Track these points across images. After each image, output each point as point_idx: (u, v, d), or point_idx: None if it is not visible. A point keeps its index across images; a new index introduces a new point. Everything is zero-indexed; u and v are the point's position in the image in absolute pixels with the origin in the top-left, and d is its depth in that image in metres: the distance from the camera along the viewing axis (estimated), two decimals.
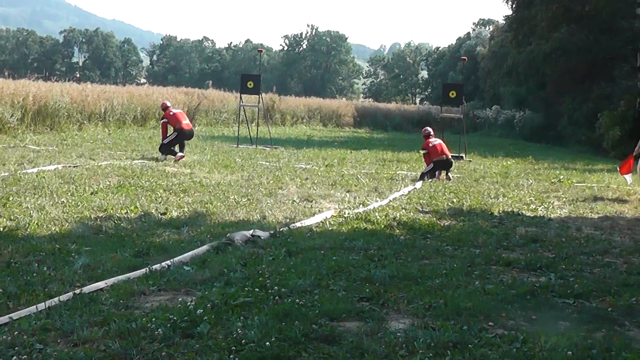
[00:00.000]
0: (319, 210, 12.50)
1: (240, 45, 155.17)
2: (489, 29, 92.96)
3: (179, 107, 30.39)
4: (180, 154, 20.15)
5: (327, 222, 11.23)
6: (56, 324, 5.90)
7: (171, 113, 21.01)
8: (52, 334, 5.68)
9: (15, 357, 5.16)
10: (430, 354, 5.58)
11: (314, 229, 10.66)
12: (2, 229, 9.49)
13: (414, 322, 6.44)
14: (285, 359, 5.36)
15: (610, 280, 8.36)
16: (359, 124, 57.25)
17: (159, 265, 7.91)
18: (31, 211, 10.77)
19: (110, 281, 7.16)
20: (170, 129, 20.77)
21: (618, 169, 17.86)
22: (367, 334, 6.06)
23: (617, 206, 15.13)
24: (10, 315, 6.07)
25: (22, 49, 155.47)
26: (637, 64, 34.18)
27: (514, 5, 40.06)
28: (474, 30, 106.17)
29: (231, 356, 5.32)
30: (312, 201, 13.61)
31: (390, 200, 14.09)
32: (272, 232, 10.16)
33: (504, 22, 45.71)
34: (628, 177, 17.16)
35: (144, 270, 7.72)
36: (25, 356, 5.20)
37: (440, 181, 18.44)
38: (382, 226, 11.13)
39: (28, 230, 9.52)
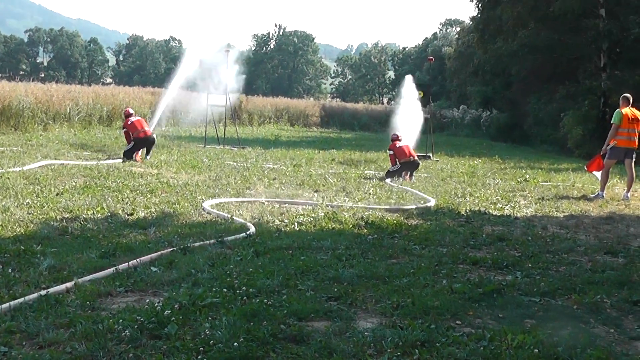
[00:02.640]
0: (287, 210, 12.50)
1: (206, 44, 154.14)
2: (456, 29, 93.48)
3: (145, 107, 30.26)
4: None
5: (295, 222, 11.23)
6: (21, 326, 5.85)
7: (129, 122, 21.10)
8: (17, 337, 5.64)
9: None
10: (398, 353, 5.59)
11: (282, 229, 10.66)
12: None
13: (382, 321, 6.45)
14: (253, 359, 5.35)
15: (576, 278, 8.42)
16: (327, 124, 57.35)
17: (125, 265, 7.89)
18: None
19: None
20: (132, 136, 20.80)
21: (585, 168, 17.94)
22: (335, 333, 6.05)
23: (582, 205, 15.24)
24: None
25: None
26: (601, 64, 34.52)
27: (480, 5, 40.32)
28: (440, 30, 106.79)
29: (199, 357, 5.31)
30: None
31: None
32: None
33: (470, 22, 45.95)
34: (598, 174, 17.31)
35: (110, 270, 7.69)
36: None
37: (406, 181, 18.52)
38: (350, 226, 11.15)
39: None
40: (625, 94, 16.85)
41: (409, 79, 28.27)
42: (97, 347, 5.45)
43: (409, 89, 27.72)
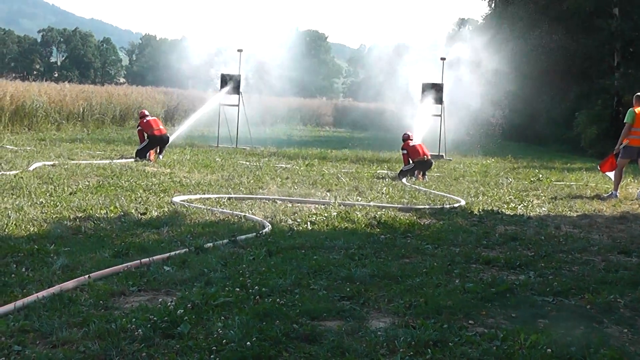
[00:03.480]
0: (299, 210, 12.50)
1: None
2: (469, 28, 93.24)
3: (158, 106, 30.34)
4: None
5: (308, 222, 11.22)
6: (35, 325, 5.85)
7: (144, 121, 21.36)
8: (31, 336, 5.63)
9: None
10: (411, 353, 5.58)
11: (294, 228, 10.66)
12: None
13: (395, 320, 6.44)
14: (266, 358, 5.35)
15: (589, 278, 8.40)
16: (339, 123, 57.30)
17: (138, 264, 7.90)
18: (9, 212, 10.71)
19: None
20: (145, 135, 20.94)
21: (598, 167, 17.82)
22: (348, 333, 6.05)
23: (596, 204, 15.19)
24: None
25: (0, 48, 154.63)
26: (614, 63, 34.40)
27: (492, 4, 40.22)
28: (454, 30, 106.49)
29: (212, 356, 5.30)
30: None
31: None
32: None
33: (483, 21, 45.80)
34: (611, 175, 17.20)
35: (127, 266, 7.74)
36: (4, 358, 5.16)
37: (419, 180, 18.51)
38: (363, 225, 11.15)
39: (6, 231, 9.46)
40: (638, 93, 16.74)
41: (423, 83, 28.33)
42: (111, 346, 5.44)
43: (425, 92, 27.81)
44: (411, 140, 19.70)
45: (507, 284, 7.79)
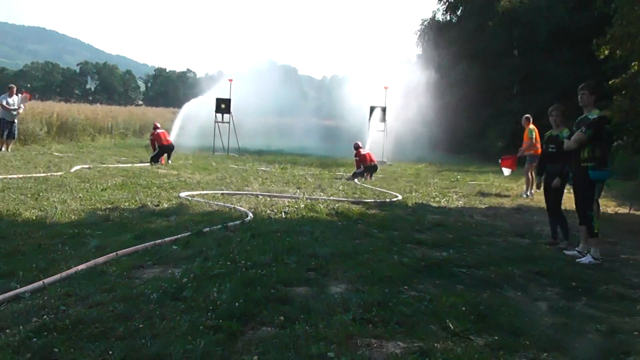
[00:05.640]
0: (276, 203, 12.51)
1: (215, 75, 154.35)
2: (408, 61, 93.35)
3: (168, 123, 30.17)
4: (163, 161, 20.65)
5: (282, 212, 11.24)
6: (75, 290, 5.87)
7: (156, 133, 21.38)
8: (73, 299, 5.64)
9: (45, 316, 5.12)
10: (361, 311, 5.63)
11: (272, 217, 10.68)
12: (34, 218, 9.38)
13: (348, 287, 6.48)
14: (250, 315, 5.37)
15: (494, 254, 8.53)
16: (307, 136, 57.08)
17: (153, 244, 7.91)
18: (56, 204, 10.65)
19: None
20: (156, 145, 21.11)
21: (500, 161, 17.56)
22: (313, 296, 6.09)
23: (499, 199, 15.36)
24: (43, 280, 6.07)
25: (49, 78, 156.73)
26: (514, 91, 34.72)
27: (423, 46, 40.38)
28: (396, 64, 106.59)
29: (209, 314, 5.32)
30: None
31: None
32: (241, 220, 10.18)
33: (417, 59, 46.02)
34: (506, 171, 17.14)
35: (144, 246, 7.74)
36: (53, 315, 5.16)
37: (367, 180, 18.59)
38: (324, 215, 11.17)
39: (54, 218, 9.42)
40: (526, 115, 16.75)
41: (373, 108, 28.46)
42: (132, 306, 5.46)
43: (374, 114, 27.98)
44: (361, 149, 19.80)
45: (433, 259, 7.88)
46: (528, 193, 16.11)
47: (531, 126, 16.31)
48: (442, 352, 4.78)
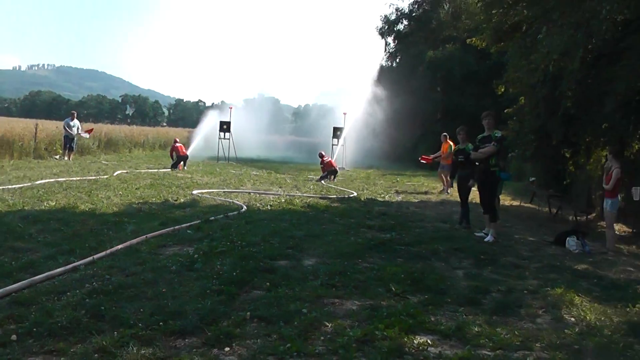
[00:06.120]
0: (263, 198, 12.44)
1: (219, 103, 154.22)
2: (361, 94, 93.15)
3: (186, 140, 30.01)
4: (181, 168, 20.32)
5: (268, 205, 11.18)
6: (117, 264, 5.81)
7: (175, 145, 21.11)
8: (115, 270, 5.58)
9: (95, 283, 5.09)
10: (326, 278, 5.64)
11: (261, 209, 10.62)
12: (87, 209, 9.23)
13: (317, 260, 6.48)
14: (244, 282, 5.34)
15: (424, 235, 8.57)
16: (287, 149, 56.93)
17: (173, 229, 7.83)
18: (103, 199, 10.51)
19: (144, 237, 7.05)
20: (175, 155, 20.83)
21: (420, 157, 17.34)
22: (291, 267, 6.08)
23: (427, 196, 15.44)
24: (93, 256, 6.03)
25: (100, 107, 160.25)
26: (438, 117, 35.08)
27: (373, 83, 40.67)
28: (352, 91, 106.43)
29: (214, 281, 5.28)
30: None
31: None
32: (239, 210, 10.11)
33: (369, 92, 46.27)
34: (423, 162, 17.16)
35: (167, 230, 7.64)
36: (100, 282, 5.12)
37: (331, 181, 18.57)
38: (300, 207, 11.14)
39: (101, 210, 9.29)
40: (444, 133, 16.82)
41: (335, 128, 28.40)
42: (158, 275, 5.42)
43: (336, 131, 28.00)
44: (325, 157, 19.74)
45: (380, 239, 7.89)
46: (448, 191, 16.16)
47: (451, 143, 16.32)
48: (387, 308, 4.79)
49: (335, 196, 13.67)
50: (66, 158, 21.41)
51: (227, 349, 3.86)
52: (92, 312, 4.31)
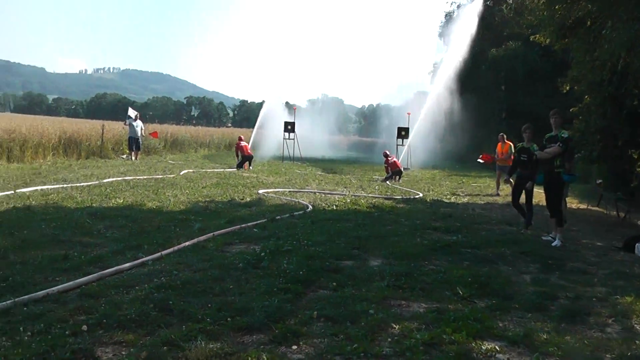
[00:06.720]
0: (328, 198, 12.47)
1: (283, 104, 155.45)
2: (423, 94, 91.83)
3: (249, 139, 30.56)
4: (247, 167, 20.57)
5: (333, 205, 11.20)
6: (184, 260, 5.95)
7: (240, 145, 21.27)
8: (181, 266, 5.72)
9: (162, 278, 5.22)
10: (393, 279, 5.59)
11: (326, 209, 10.65)
12: (154, 207, 9.56)
13: (383, 261, 6.44)
14: (311, 281, 5.37)
15: (490, 238, 8.35)
16: (351, 149, 57.00)
17: (239, 227, 7.96)
18: (170, 197, 10.83)
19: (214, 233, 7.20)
20: (240, 154, 21.09)
21: (481, 156, 16.91)
22: (357, 267, 6.07)
23: (494, 198, 15.06)
24: (161, 252, 6.18)
25: (165, 108, 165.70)
26: (503, 116, 34.19)
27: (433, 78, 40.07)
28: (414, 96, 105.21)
29: (280, 279, 5.33)
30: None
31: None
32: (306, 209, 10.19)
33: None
34: (481, 160, 16.61)
35: (233, 228, 7.78)
36: (168, 277, 5.25)
37: (396, 182, 18.43)
38: (365, 207, 11.11)
39: (169, 207, 9.58)
40: (501, 133, 16.27)
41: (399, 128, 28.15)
42: (224, 272, 5.52)
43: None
44: (390, 157, 19.59)
45: (446, 241, 7.76)
46: (499, 192, 15.57)
47: (510, 143, 15.74)
48: (454, 312, 4.70)
49: (400, 197, 13.55)
50: (133, 158, 22.18)
51: (294, 347, 3.87)
52: (160, 306, 4.40)
